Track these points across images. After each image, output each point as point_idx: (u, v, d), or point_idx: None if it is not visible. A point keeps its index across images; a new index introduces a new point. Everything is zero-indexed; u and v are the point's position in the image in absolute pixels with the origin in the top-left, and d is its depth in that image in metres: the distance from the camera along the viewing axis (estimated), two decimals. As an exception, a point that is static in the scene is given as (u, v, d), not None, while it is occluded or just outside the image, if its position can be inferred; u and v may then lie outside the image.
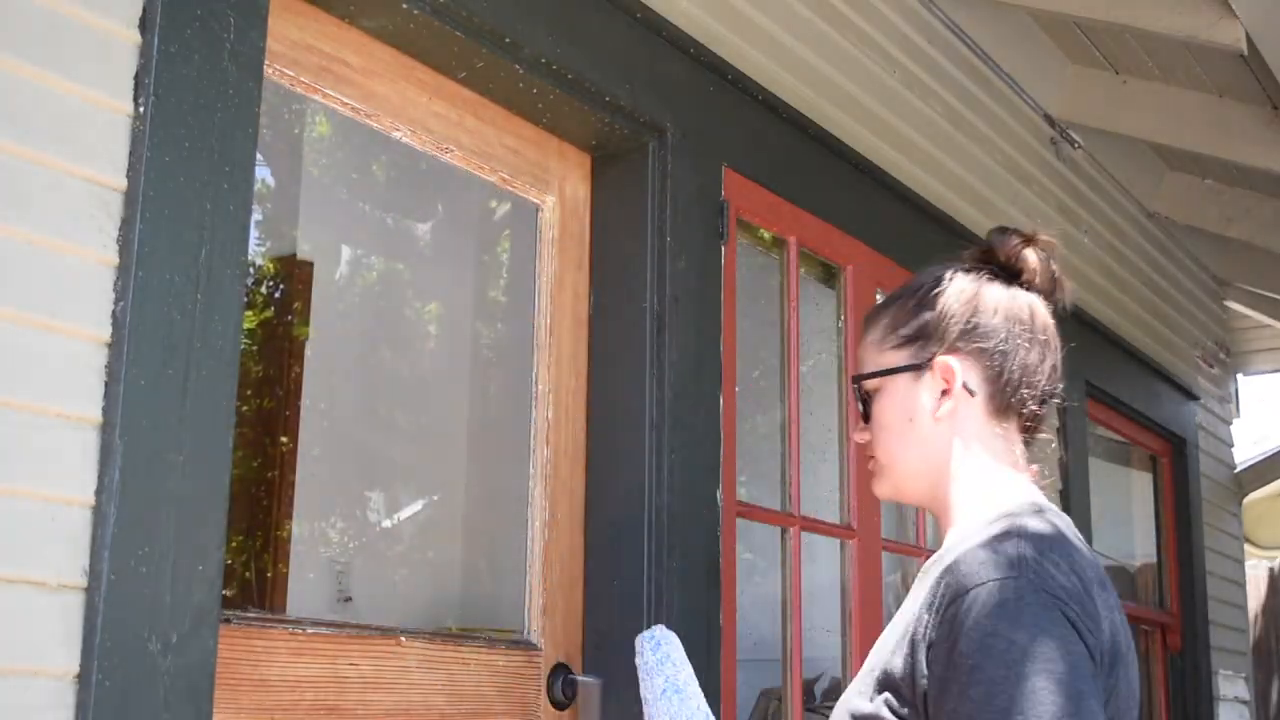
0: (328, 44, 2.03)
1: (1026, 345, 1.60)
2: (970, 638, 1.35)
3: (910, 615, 1.45)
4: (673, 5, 2.57)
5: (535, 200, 2.44)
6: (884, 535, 3.05)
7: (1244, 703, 5.63)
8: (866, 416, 1.65)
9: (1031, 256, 1.64)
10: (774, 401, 2.84)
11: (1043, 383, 1.61)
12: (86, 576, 1.50)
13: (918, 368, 1.61)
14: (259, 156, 1.78)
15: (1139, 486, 5.35)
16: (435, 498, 4.36)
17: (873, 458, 1.66)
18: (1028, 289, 1.63)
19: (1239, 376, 6.46)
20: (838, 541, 2.94)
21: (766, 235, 2.92)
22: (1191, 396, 5.25)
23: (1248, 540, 6.83)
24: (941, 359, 1.59)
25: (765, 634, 2.83)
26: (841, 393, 3.00)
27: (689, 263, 2.48)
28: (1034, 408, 1.61)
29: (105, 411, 1.54)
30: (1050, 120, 4.25)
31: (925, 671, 1.39)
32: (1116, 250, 4.73)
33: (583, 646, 2.37)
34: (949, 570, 1.42)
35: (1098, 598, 1.43)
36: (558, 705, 2.30)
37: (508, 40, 2.16)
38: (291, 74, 1.97)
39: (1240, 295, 5.99)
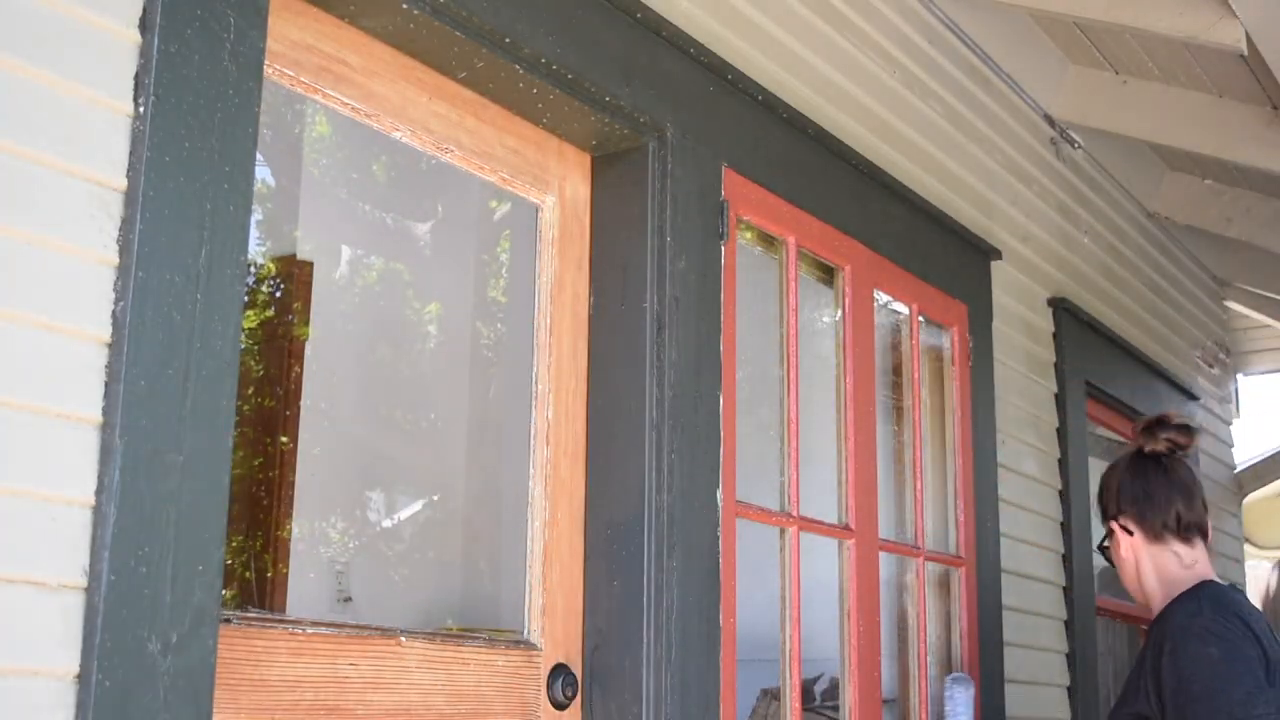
0: (328, 44, 2.03)
1: (1160, 493, 2.48)
2: (1183, 661, 2.24)
3: (1146, 659, 2.33)
4: (673, 5, 2.57)
5: (535, 200, 2.44)
6: (882, 536, 3.05)
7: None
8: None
9: (1153, 437, 2.50)
10: (772, 401, 2.84)
11: (1178, 512, 2.47)
12: (86, 576, 1.50)
13: (1110, 529, 2.57)
14: (259, 156, 1.78)
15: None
16: (435, 497, 4.36)
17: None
18: (1160, 456, 2.50)
19: (1239, 376, 6.46)
20: (835, 541, 2.94)
21: (751, 235, 2.91)
22: (1191, 396, 5.25)
23: (1248, 540, 6.83)
24: (1111, 521, 2.56)
25: (765, 633, 2.83)
26: (840, 393, 3.00)
27: (689, 263, 2.48)
28: (1179, 529, 2.47)
29: (105, 411, 1.54)
30: (1050, 120, 4.25)
31: (1157, 690, 2.26)
32: (1116, 250, 4.73)
33: (583, 646, 2.37)
34: (1163, 627, 2.34)
35: (1255, 625, 2.29)
36: (558, 705, 2.30)
37: (508, 40, 2.16)
38: (291, 74, 1.97)
39: (1240, 295, 5.99)
